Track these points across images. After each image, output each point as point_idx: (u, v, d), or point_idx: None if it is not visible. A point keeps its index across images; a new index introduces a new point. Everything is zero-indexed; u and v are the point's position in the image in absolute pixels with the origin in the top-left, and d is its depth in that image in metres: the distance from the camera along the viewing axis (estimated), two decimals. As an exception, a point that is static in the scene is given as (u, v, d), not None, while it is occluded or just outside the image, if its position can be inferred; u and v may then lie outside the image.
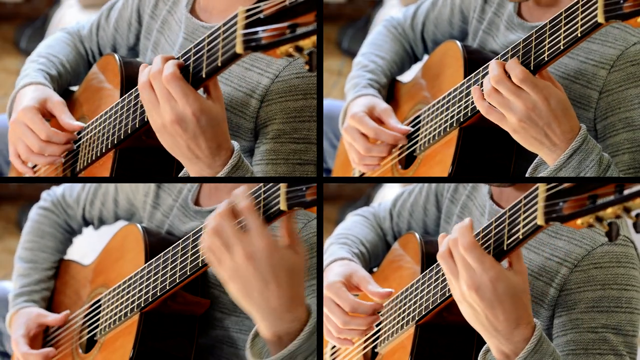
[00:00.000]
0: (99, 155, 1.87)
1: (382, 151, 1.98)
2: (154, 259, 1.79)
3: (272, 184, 1.61)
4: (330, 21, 3.76)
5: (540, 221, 1.58)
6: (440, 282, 1.76)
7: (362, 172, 2.03)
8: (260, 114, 1.84)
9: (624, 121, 1.81)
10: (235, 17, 1.64)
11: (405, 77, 2.15)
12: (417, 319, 1.80)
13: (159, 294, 1.77)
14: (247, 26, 1.62)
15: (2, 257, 3.32)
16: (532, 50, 1.73)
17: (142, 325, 1.79)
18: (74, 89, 2.07)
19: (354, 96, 2.05)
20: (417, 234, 1.93)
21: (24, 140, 1.90)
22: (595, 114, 1.83)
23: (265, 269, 1.58)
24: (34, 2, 3.93)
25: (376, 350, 1.90)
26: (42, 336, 1.97)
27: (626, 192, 1.49)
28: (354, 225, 2.08)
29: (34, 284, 2.03)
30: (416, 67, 2.15)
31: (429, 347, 1.81)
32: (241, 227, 1.60)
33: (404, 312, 1.83)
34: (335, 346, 1.97)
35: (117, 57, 1.95)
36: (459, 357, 1.80)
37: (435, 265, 1.78)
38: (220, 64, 1.67)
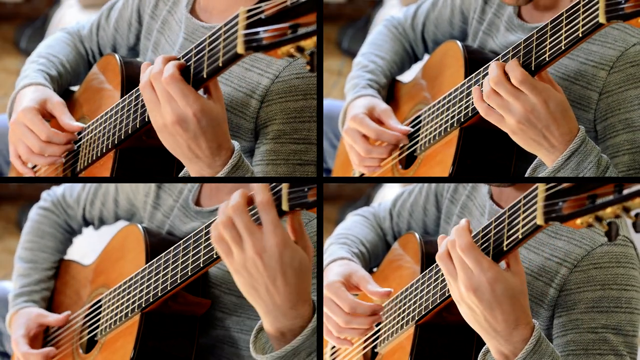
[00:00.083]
0: (99, 155, 1.87)
1: (382, 152, 1.98)
2: (155, 260, 1.78)
3: (274, 185, 1.61)
4: (330, 21, 3.75)
5: (539, 221, 1.58)
6: (439, 282, 1.76)
7: (362, 173, 2.03)
8: (260, 114, 1.84)
9: (624, 122, 1.81)
10: (236, 17, 1.63)
11: (405, 77, 2.15)
12: (416, 319, 1.80)
13: (159, 295, 1.77)
14: (248, 26, 1.62)
15: (2, 257, 3.31)
16: (533, 50, 1.72)
17: (143, 325, 1.79)
18: (74, 89, 2.07)
19: (354, 97, 2.05)
20: (417, 234, 1.93)
21: (24, 141, 1.90)
22: (595, 115, 1.83)
23: (274, 266, 1.58)
24: (34, 2, 3.93)
25: (376, 350, 1.90)
26: (42, 336, 1.97)
27: (625, 191, 1.49)
28: (354, 225, 2.08)
29: (34, 284, 2.03)
30: (416, 67, 2.15)
31: (428, 347, 1.81)
32: (254, 220, 1.60)
33: (404, 312, 1.83)
34: (335, 346, 1.97)
35: (117, 57, 1.95)
36: (459, 357, 1.80)
37: (434, 265, 1.78)
38: (221, 64, 1.67)
